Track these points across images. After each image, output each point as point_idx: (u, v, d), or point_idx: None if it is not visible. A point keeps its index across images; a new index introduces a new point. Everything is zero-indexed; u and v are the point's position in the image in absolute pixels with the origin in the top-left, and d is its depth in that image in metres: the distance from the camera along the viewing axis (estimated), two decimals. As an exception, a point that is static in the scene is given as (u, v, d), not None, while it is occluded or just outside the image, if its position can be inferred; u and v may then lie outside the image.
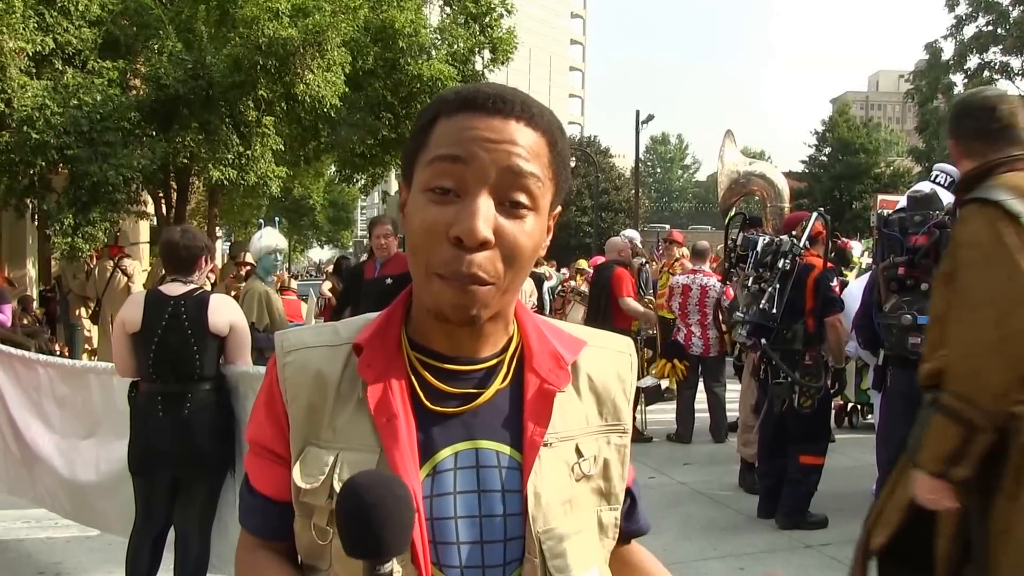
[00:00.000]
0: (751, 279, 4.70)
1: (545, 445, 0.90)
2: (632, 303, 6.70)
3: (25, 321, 10.22)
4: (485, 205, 0.82)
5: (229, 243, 18.09)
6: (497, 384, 0.91)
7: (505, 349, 0.93)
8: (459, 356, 0.91)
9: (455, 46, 13.39)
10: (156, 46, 10.26)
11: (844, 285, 5.42)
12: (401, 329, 0.93)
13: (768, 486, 4.75)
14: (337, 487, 0.84)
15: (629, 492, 1.03)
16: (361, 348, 0.90)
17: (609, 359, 0.99)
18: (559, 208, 0.93)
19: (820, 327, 4.58)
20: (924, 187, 4.38)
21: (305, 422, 0.90)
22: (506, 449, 0.90)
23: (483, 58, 13.71)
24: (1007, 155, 2.10)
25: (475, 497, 0.88)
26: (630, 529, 1.05)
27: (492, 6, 13.40)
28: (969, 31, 24.82)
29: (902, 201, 4.66)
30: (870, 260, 6.78)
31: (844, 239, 8.73)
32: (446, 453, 0.88)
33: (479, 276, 0.82)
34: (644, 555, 1.10)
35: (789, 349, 4.55)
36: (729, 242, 5.31)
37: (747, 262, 4.82)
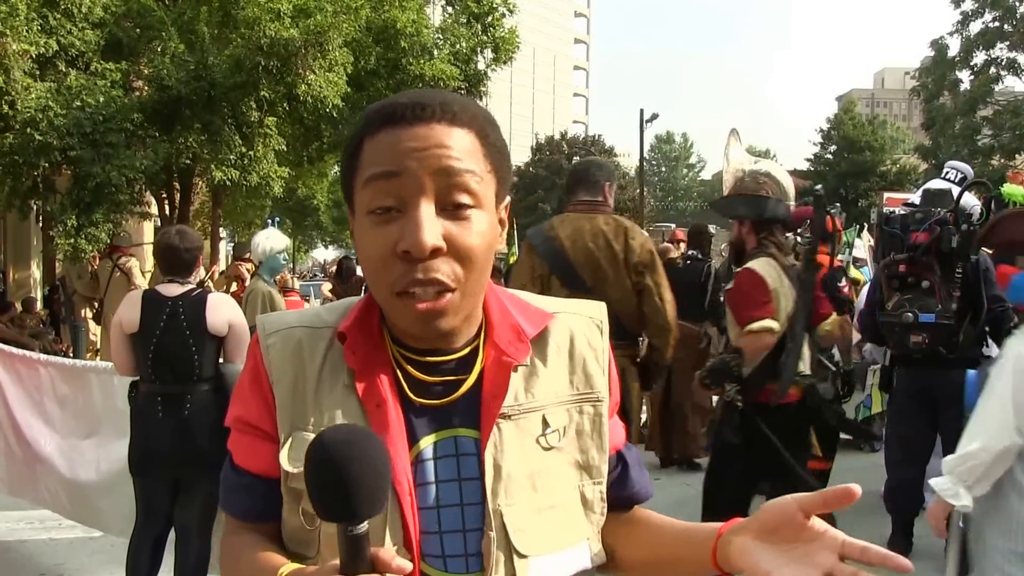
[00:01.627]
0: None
1: (506, 418, 0.88)
2: None
3: (29, 322, 10.26)
4: (427, 214, 0.81)
5: (232, 244, 18.08)
6: (477, 371, 0.90)
7: (477, 335, 0.92)
8: (435, 349, 0.90)
9: (457, 46, 13.37)
10: (158, 47, 10.28)
11: (854, 284, 5.39)
12: (380, 322, 0.92)
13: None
14: None
15: (621, 457, 1.00)
16: (345, 336, 0.90)
17: (579, 326, 0.98)
18: (508, 199, 0.92)
19: None
20: (939, 184, 4.34)
21: (291, 404, 0.90)
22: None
23: (485, 58, 13.70)
24: (576, 200, 3.35)
25: (456, 486, 0.87)
26: (623, 496, 0.99)
27: (494, 6, 13.37)
28: (975, 27, 24.62)
29: (914, 196, 4.62)
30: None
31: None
32: (426, 443, 0.88)
33: (439, 279, 0.82)
34: (650, 514, 1.03)
35: None
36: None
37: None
